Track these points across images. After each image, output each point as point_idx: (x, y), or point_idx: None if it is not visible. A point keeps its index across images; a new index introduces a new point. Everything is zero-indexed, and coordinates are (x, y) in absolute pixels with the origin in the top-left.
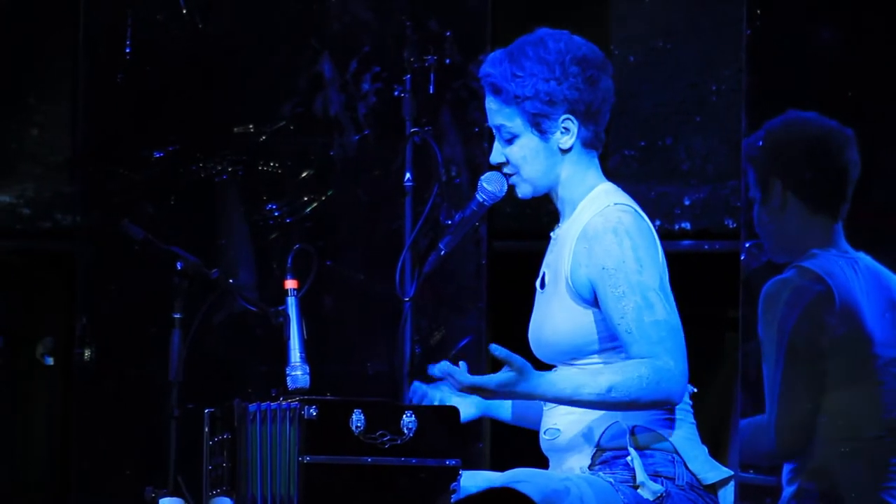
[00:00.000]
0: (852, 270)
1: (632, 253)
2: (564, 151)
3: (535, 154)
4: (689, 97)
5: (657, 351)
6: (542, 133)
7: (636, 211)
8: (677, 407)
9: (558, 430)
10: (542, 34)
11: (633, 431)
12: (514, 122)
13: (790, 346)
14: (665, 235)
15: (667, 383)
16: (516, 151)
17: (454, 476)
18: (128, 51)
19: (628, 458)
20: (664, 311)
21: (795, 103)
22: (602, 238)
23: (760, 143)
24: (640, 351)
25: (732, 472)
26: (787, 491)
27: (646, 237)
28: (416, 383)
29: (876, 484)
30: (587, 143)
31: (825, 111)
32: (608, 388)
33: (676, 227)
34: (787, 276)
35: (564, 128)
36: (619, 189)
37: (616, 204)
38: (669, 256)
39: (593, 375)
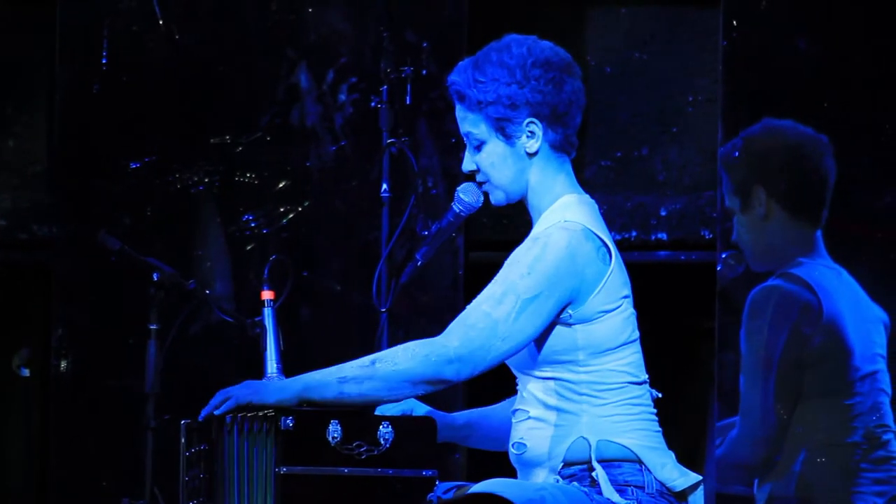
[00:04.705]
0: (837, 281)
1: (530, 259)
2: (531, 155)
3: (503, 160)
4: (665, 108)
5: (454, 331)
6: (508, 138)
7: (584, 230)
8: (641, 416)
9: (524, 444)
10: (508, 40)
11: (597, 445)
12: (480, 129)
13: (779, 355)
14: (641, 246)
15: (437, 359)
16: (485, 158)
17: (431, 487)
18: (104, 61)
19: (594, 472)
20: (506, 314)
21: (771, 114)
22: (524, 242)
23: (737, 153)
24: (447, 329)
25: (701, 477)
26: (761, 495)
27: (564, 257)
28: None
29: (848, 488)
30: (556, 147)
31: (801, 121)
32: (372, 361)
33: (653, 237)
34: (774, 284)
35: (530, 132)
36: (587, 201)
37: (566, 221)
38: (645, 267)
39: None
